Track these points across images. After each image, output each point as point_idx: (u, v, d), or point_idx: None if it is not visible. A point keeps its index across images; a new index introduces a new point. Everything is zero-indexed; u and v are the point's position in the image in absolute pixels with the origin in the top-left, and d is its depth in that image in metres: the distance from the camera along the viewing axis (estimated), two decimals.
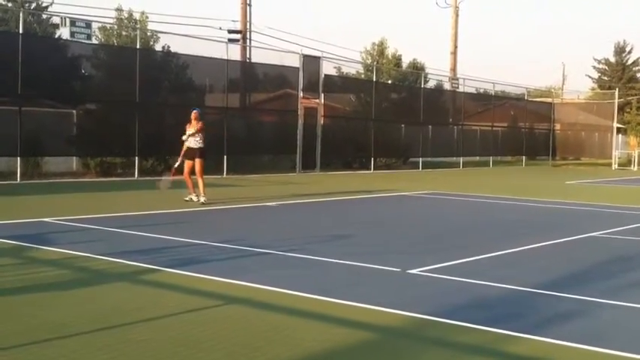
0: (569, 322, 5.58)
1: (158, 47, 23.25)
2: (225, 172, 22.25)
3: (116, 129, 20.75)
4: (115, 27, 23.97)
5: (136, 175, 20.59)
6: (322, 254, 8.18)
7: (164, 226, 10.40)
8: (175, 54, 22.70)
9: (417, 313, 5.65)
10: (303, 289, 6.34)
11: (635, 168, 37.07)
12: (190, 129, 13.60)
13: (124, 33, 23.70)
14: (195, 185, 13.59)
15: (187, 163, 13.61)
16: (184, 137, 13.66)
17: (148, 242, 8.88)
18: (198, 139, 13.56)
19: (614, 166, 38.31)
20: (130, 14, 24.20)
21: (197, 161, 13.50)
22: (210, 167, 22.33)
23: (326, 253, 8.23)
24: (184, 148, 13.70)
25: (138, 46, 21.44)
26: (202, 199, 13.35)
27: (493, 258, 8.41)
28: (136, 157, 20.88)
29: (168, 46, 22.82)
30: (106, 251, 7.96)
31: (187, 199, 13.58)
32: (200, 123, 13.62)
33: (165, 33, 23.46)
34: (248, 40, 30.64)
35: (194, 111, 13.84)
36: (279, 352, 4.63)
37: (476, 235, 10.56)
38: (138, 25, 23.47)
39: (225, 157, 22.62)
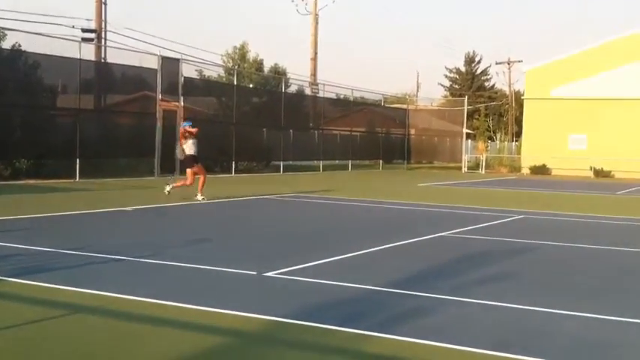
0: (417, 319, 5.78)
1: (5, 45, 21.91)
2: (77, 176, 21.31)
3: None
4: None
5: None
6: (177, 259, 8.00)
7: (8, 233, 9.79)
8: (24, 52, 21.48)
9: (272, 316, 5.64)
10: (155, 296, 6.17)
11: (483, 171, 39.28)
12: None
13: None
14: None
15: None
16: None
17: None
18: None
19: (464, 170, 40.42)
20: None
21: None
22: (62, 171, 21.40)
23: (181, 258, 8.06)
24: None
25: None
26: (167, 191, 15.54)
27: (348, 259, 8.58)
28: None
29: (19, 44, 21.55)
30: None
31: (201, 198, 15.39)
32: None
33: (12, 30, 22.19)
34: (103, 40, 29.59)
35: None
36: None
37: (332, 237, 10.74)
38: None
39: (77, 160, 21.68)
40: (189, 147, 15.56)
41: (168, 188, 15.54)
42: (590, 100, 37.12)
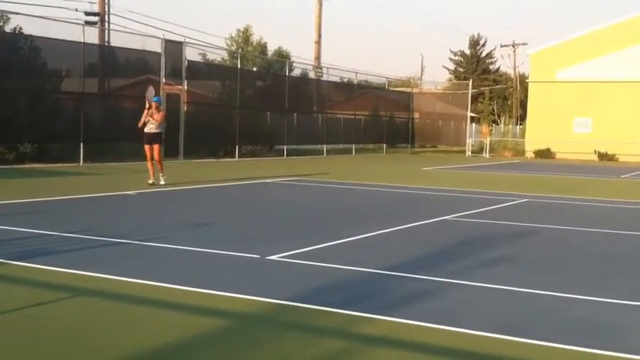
0: (420, 302, 5.80)
1: (7, 28, 21.86)
2: (81, 161, 21.35)
3: None
4: None
5: None
6: (181, 243, 8.03)
7: (11, 217, 9.82)
8: (27, 36, 21.43)
9: (275, 299, 5.67)
10: (159, 279, 6.19)
11: (487, 155, 39.20)
12: (151, 117, 15.13)
13: None
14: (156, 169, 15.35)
15: (149, 148, 15.29)
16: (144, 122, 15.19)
17: None
18: (157, 124, 15.30)
19: (468, 153, 40.33)
20: None
21: (157, 146, 15.28)
22: (66, 155, 21.42)
23: (185, 242, 8.08)
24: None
25: None
26: (162, 181, 15.26)
27: (350, 242, 8.60)
28: None
29: (21, 28, 21.48)
30: None
31: (151, 182, 15.10)
32: (162, 111, 15.58)
33: (15, 13, 22.13)
34: (107, 23, 29.51)
35: (156, 101, 15.36)
36: (134, 343, 4.49)
37: (335, 220, 10.75)
38: None
39: (81, 144, 21.70)
40: (148, 125, 15.30)
41: (162, 181, 15.40)
42: (595, 83, 36.91)
